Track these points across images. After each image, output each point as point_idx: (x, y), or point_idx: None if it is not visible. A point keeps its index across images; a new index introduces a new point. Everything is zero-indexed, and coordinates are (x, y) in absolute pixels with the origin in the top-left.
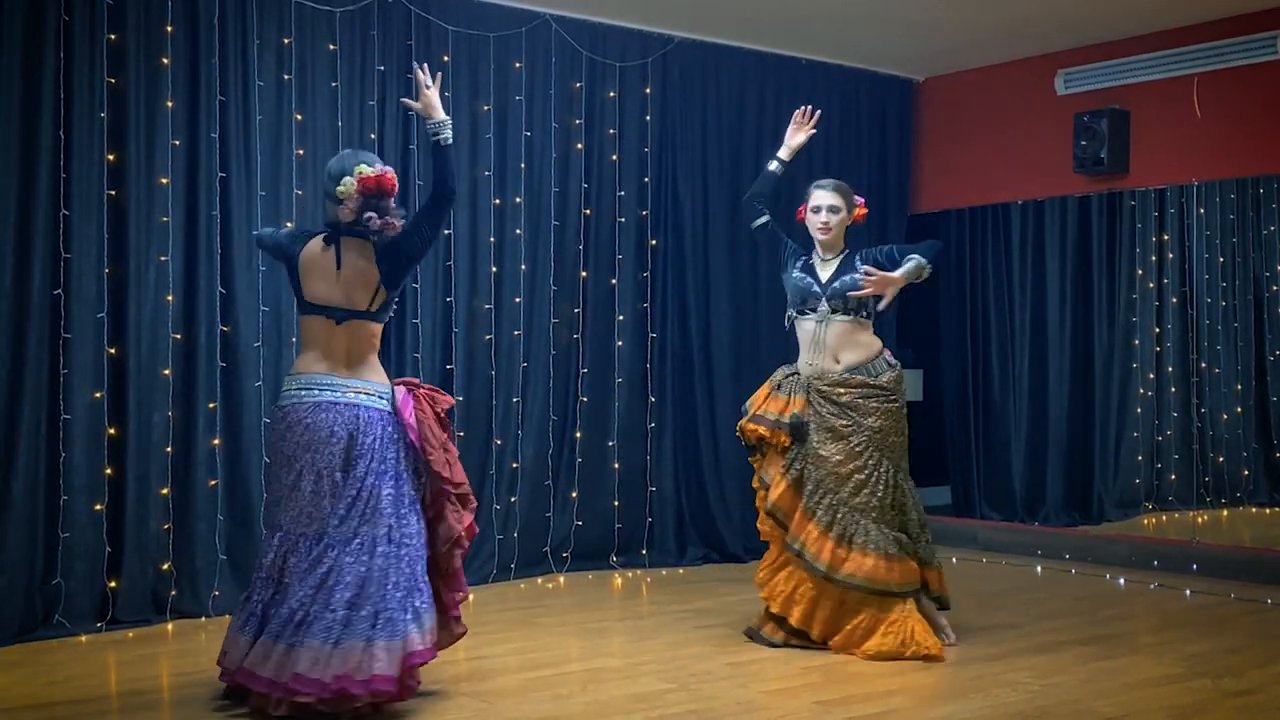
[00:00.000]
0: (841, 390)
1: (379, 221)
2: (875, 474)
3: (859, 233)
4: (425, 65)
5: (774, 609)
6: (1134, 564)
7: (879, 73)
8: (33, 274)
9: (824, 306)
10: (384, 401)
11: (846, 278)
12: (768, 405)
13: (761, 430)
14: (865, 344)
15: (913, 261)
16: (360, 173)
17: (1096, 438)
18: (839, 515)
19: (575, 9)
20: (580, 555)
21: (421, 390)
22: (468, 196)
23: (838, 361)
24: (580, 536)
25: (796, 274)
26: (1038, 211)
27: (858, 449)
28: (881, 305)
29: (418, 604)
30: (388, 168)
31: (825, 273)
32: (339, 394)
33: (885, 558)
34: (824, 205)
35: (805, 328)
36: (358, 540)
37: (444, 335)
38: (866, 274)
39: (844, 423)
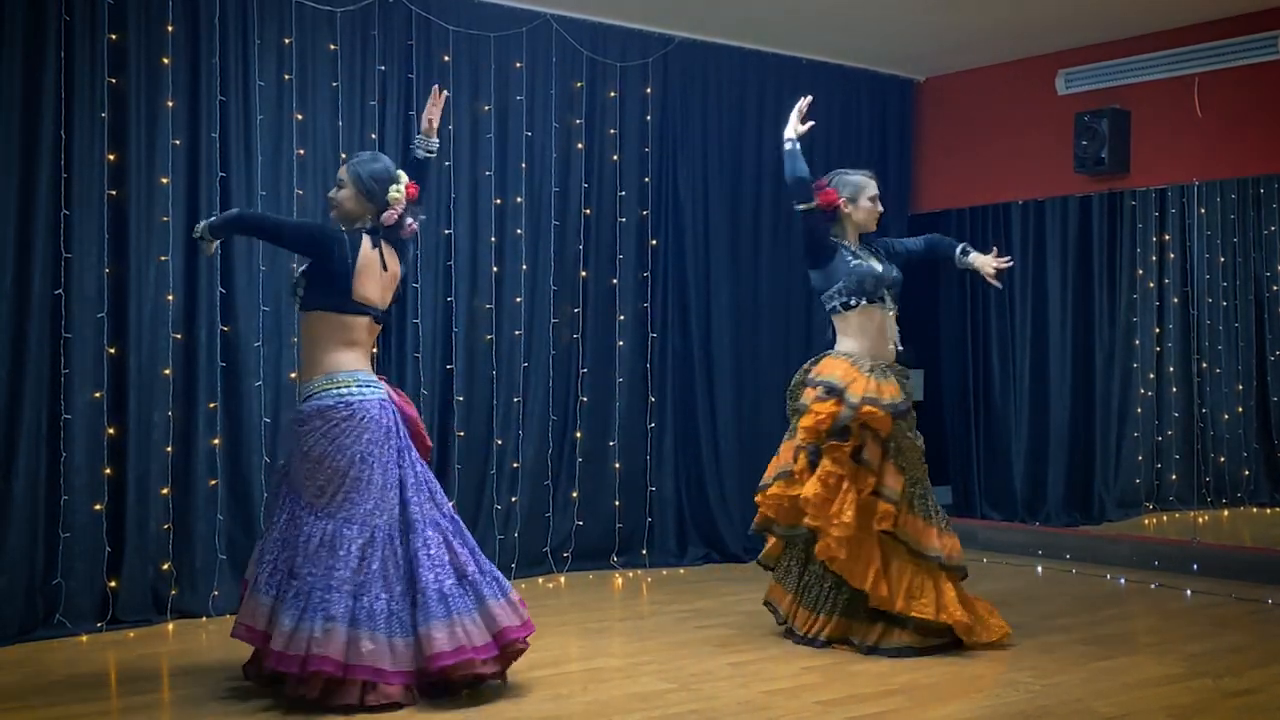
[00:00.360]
0: (905, 380)
1: (414, 227)
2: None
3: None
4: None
5: (898, 608)
6: (1135, 564)
7: (879, 72)
8: (33, 273)
9: (889, 296)
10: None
11: (897, 266)
12: (874, 388)
13: (879, 413)
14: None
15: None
16: (404, 180)
17: (1097, 438)
18: (929, 502)
19: (576, 9)
20: (581, 555)
21: None
22: (469, 197)
23: (894, 350)
24: (581, 536)
25: (857, 262)
26: (1038, 211)
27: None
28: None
29: (487, 565)
30: None
31: (875, 263)
32: (383, 391)
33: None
34: (874, 195)
35: (875, 317)
36: (441, 522)
37: (444, 335)
38: (998, 255)
39: (911, 412)
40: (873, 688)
